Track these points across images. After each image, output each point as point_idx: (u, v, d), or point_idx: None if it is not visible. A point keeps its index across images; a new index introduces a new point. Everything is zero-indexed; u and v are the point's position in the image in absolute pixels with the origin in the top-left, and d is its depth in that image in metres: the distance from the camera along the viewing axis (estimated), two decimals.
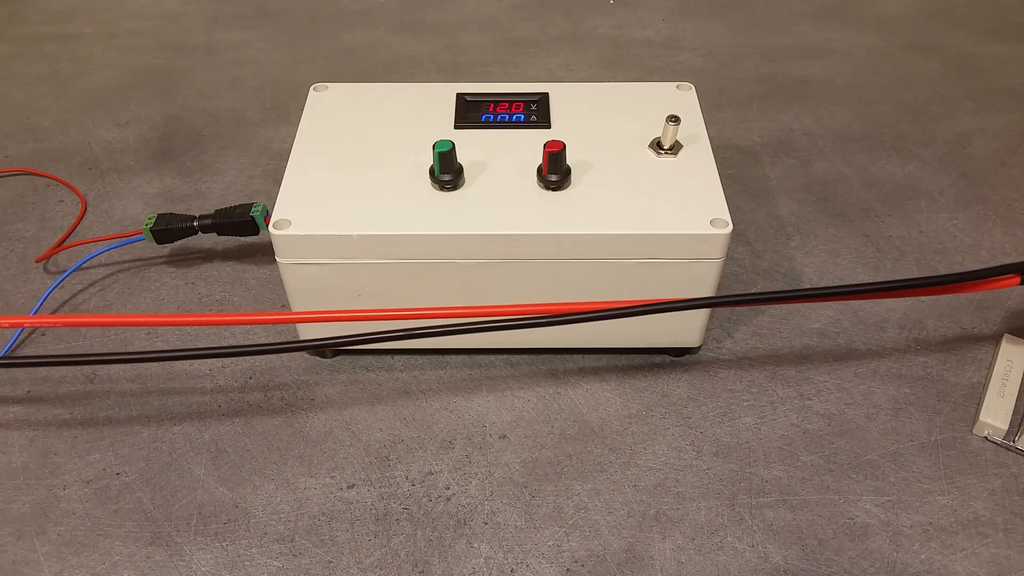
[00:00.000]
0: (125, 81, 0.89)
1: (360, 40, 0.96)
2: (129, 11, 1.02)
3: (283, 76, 0.90)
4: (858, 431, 0.54)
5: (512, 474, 0.52)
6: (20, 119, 0.83)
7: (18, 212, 0.72)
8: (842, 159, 0.78)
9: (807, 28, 0.98)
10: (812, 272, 0.66)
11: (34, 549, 0.48)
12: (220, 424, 0.55)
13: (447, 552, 0.48)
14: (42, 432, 0.54)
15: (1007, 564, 0.48)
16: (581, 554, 0.48)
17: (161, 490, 0.51)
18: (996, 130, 0.81)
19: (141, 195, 0.73)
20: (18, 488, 0.51)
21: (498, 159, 0.55)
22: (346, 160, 0.55)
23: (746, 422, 0.55)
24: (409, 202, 0.52)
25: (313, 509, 0.50)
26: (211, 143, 0.80)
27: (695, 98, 0.61)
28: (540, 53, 0.93)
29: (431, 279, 0.52)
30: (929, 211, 0.72)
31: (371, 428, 0.55)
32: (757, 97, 0.86)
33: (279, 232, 0.50)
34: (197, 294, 0.64)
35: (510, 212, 0.51)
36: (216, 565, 0.47)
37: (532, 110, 0.59)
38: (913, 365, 0.59)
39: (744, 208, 0.72)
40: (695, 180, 0.54)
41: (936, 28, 0.98)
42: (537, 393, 0.57)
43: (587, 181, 0.53)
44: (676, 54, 0.93)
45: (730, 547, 0.48)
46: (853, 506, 0.50)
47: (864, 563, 0.48)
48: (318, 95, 0.61)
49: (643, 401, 0.56)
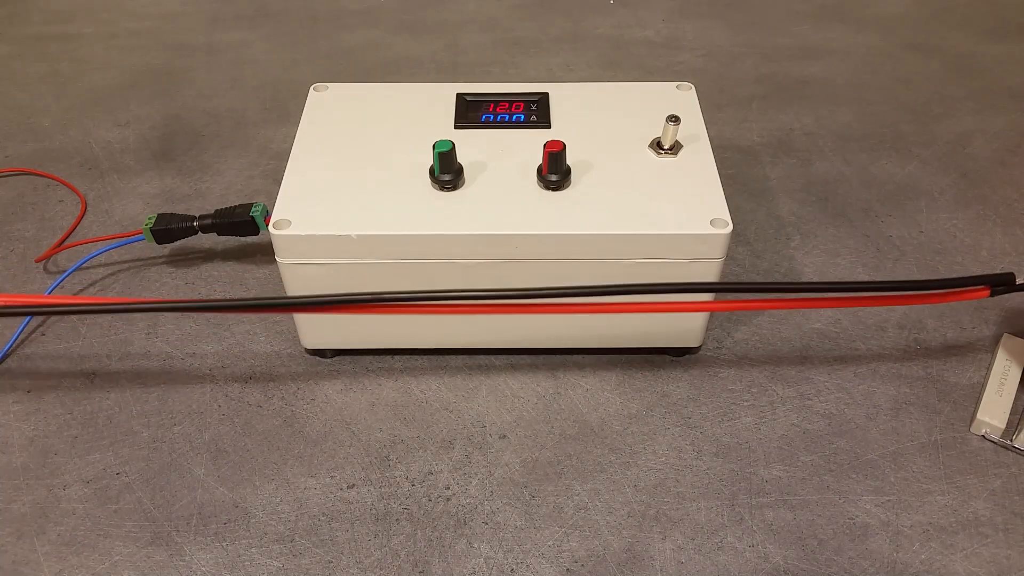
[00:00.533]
0: (125, 81, 0.89)
1: (360, 40, 0.96)
2: (129, 11, 1.02)
3: (283, 76, 0.90)
4: (858, 431, 0.54)
5: (512, 474, 0.52)
6: (20, 119, 0.83)
7: (18, 212, 0.72)
8: (842, 159, 0.78)
9: (807, 28, 0.98)
10: (812, 272, 0.66)
11: (34, 549, 0.48)
12: (220, 424, 0.55)
13: (447, 552, 0.48)
14: (42, 432, 0.54)
15: (1007, 564, 0.48)
16: (581, 554, 0.48)
17: (161, 490, 0.51)
18: (996, 130, 0.81)
19: (141, 195, 0.73)
20: (18, 488, 0.51)
21: (498, 159, 0.55)
22: (346, 160, 0.55)
23: (746, 422, 0.55)
24: (409, 202, 0.52)
25: (313, 509, 0.50)
26: (211, 143, 0.80)
27: (695, 98, 0.61)
28: (540, 53, 0.93)
29: (431, 279, 0.52)
30: (929, 211, 0.72)
31: (371, 428, 0.55)
32: (757, 97, 0.86)
33: (279, 232, 0.50)
34: (197, 294, 0.64)
35: (510, 212, 0.51)
36: (216, 565, 0.47)
37: (532, 110, 0.59)
38: (913, 365, 0.59)
39: (744, 208, 0.72)
40: (695, 180, 0.54)
41: (936, 28, 0.98)
42: (537, 393, 0.57)
43: (587, 181, 0.53)
44: (676, 54, 0.93)
45: (730, 547, 0.48)
46: (853, 506, 0.50)
47: (864, 563, 0.48)
48: (318, 95, 0.61)
49: (643, 401, 0.56)
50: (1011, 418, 0.54)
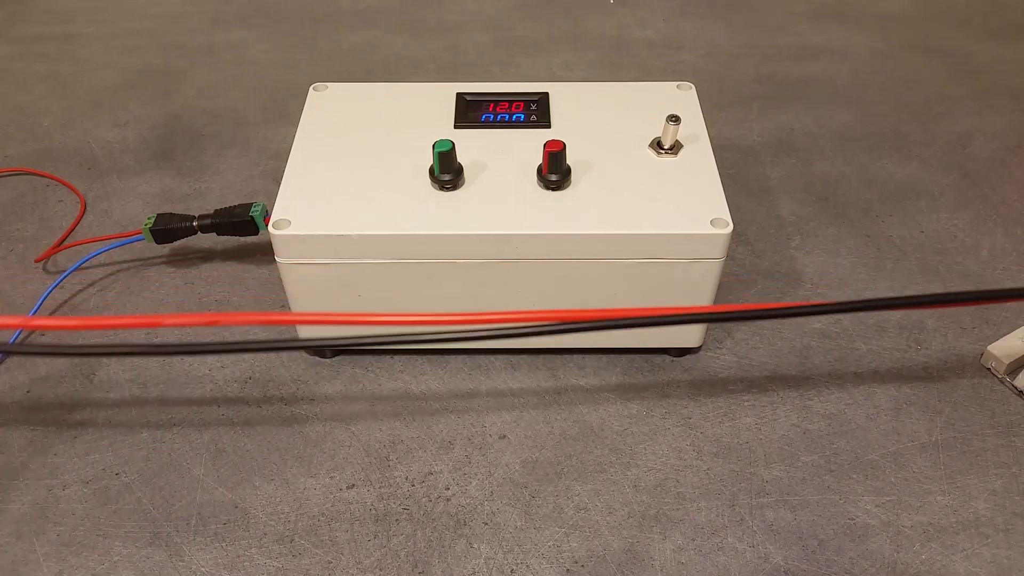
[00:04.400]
0: (125, 81, 0.89)
1: (360, 40, 0.96)
2: (129, 11, 1.02)
3: (283, 76, 0.90)
4: (858, 431, 0.54)
5: (512, 474, 0.52)
6: (20, 119, 0.83)
7: (18, 212, 0.71)
8: (842, 159, 0.78)
9: (807, 28, 0.98)
10: (812, 272, 0.66)
11: (33, 549, 0.48)
12: (219, 424, 0.55)
13: (447, 552, 0.48)
14: (42, 432, 0.54)
15: (1007, 564, 0.48)
16: (581, 554, 0.48)
17: (160, 490, 0.51)
18: (996, 130, 0.81)
19: (141, 195, 0.73)
20: (18, 488, 0.51)
21: (498, 159, 0.55)
22: (346, 160, 0.55)
23: (746, 422, 0.55)
24: (409, 202, 0.52)
25: (313, 509, 0.50)
26: (211, 143, 0.80)
27: (695, 98, 0.61)
28: (540, 53, 0.93)
29: (431, 279, 0.52)
30: (929, 211, 0.72)
31: (371, 428, 0.55)
32: (757, 97, 0.86)
33: (279, 232, 0.50)
34: (197, 294, 0.64)
35: (510, 212, 0.51)
36: (215, 565, 0.47)
37: (532, 110, 0.59)
38: (913, 365, 0.59)
39: (744, 208, 0.72)
40: (695, 180, 0.54)
41: (936, 28, 0.98)
42: (537, 393, 0.57)
43: (587, 181, 0.53)
44: (676, 54, 0.93)
45: (730, 547, 0.48)
46: (853, 506, 0.50)
47: (864, 563, 0.47)
48: (318, 95, 0.61)
49: (643, 401, 0.56)
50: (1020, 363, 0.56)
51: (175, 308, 0.63)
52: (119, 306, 0.63)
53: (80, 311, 0.62)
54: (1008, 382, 0.56)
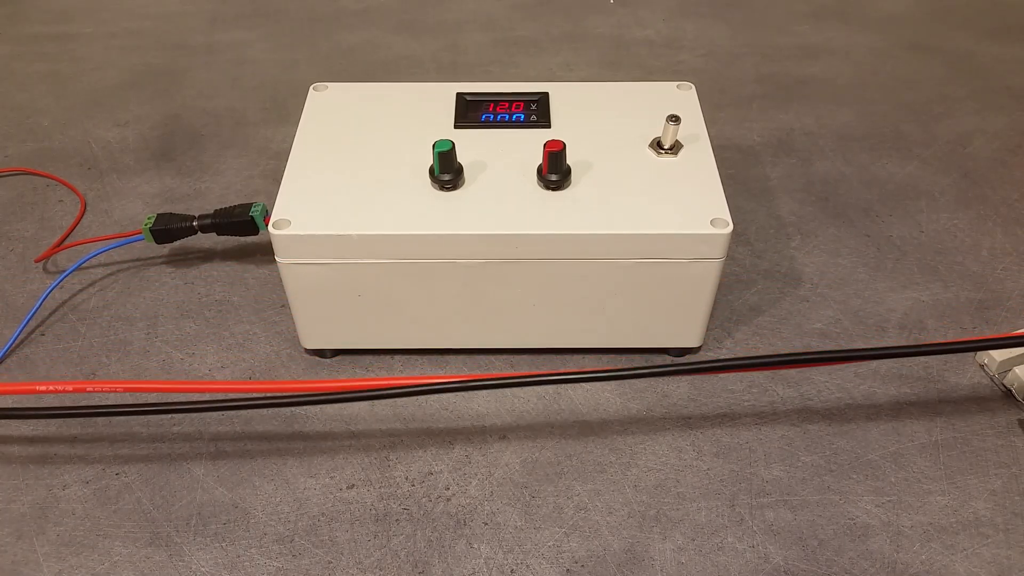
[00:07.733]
0: (125, 81, 0.89)
1: (360, 40, 0.96)
2: (129, 11, 1.02)
3: (283, 76, 0.90)
4: (858, 431, 0.54)
5: (512, 474, 0.52)
6: (20, 119, 0.83)
7: (18, 212, 0.71)
8: (842, 159, 0.78)
9: (807, 28, 0.98)
10: (812, 272, 0.66)
11: (34, 549, 0.48)
12: (220, 424, 0.55)
13: (447, 552, 0.48)
14: (42, 432, 0.54)
15: (1007, 564, 0.48)
16: (581, 554, 0.48)
17: (160, 490, 0.51)
18: (996, 130, 0.81)
19: (140, 195, 0.73)
20: (18, 488, 0.51)
21: (498, 159, 0.55)
22: (346, 160, 0.55)
23: (746, 422, 0.55)
24: (409, 202, 0.52)
25: (313, 509, 0.50)
26: (211, 143, 0.80)
27: (695, 98, 0.61)
28: (540, 53, 0.93)
29: (431, 279, 0.52)
30: (929, 211, 0.72)
31: (371, 428, 0.55)
32: (757, 97, 0.86)
33: (279, 232, 0.50)
34: (196, 294, 0.64)
35: (510, 212, 0.51)
36: (215, 566, 0.47)
37: (532, 110, 0.59)
38: (913, 365, 0.59)
39: (744, 208, 0.72)
40: (695, 180, 0.54)
41: (936, 28, 0.98)
42: (537, 393, 0.57)
43: (587, 181, 0.53)
44: (676, 54, 0.93)
45: (730, 547, 0.48)
46: (853, 506, 0.50)
47: (864, 563, 0.47)
48: (318, 95, 0.61)
49: (643, 401, 0.56)
50: (1013, 363, 0.56)
51: (175, 308, 0.63)
52: (119, 306, 0.63)
53: (80, 311, 0.62)
54: (997, 380, 0.57)
